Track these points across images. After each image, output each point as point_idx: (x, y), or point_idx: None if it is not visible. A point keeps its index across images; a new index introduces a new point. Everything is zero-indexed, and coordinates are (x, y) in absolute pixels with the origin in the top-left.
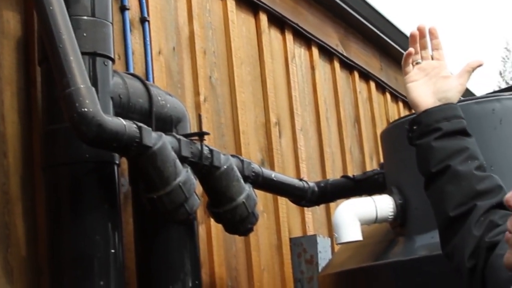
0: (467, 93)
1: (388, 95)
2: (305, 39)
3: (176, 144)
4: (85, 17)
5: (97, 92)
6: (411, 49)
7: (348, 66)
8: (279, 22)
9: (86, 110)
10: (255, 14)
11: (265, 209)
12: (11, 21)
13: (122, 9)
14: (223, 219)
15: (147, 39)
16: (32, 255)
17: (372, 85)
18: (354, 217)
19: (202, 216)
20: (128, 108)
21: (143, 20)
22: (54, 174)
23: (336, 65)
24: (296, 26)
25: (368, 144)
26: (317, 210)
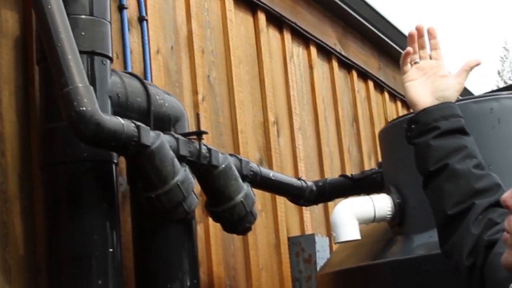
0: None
1: (387, 95)
2: (303, 38)
3: (174, 143)
4: (83, 16)
5: (95, 91)
6: (409, 49)
7: (346, 66)
8: (278, 21)
9: (84, 109)
10: (253, 13)
11: (263, 208)
12: (10, 20)
13: (120, 8)
14: (221, 218)
15: (145, 38)
16: (30, 254)
17: (371, 85)
18: (352, 216)
19: (200, 215)
20: (126, 107)
21: (141, 19)
22: (52, 173)
23: (334, 64)
24: (294, 25)
25: (366, 144)
26: (315, 210)
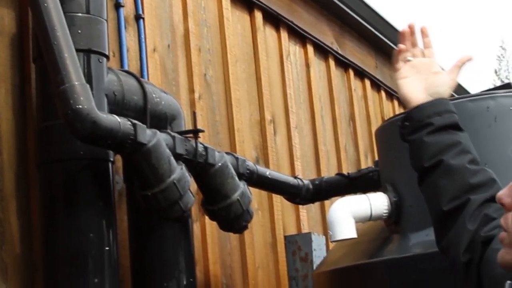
0: (462, 91)
1: (383, 93)
2: (300, 37)
3: (171, 141)
4: (80, 14)
5: (92, 89)
6: (402, 46)
7: (343, 64)
8: (274, 20)
9: (81, 107)
10: (250, 12)
11: (260, 207)
12: (6, 18)
13: (117, 6)
14: (218, 217)
15: (142, 37)
16: (27, 252)
17: (367, 83)
18: (349, 215)
19: (197, 214)
20: (123, 105)
21: (138, 18)
22: (49, 171)
23: (331, 63)
24: (291, 24)
25: (363, 142)
26: (312, 208)
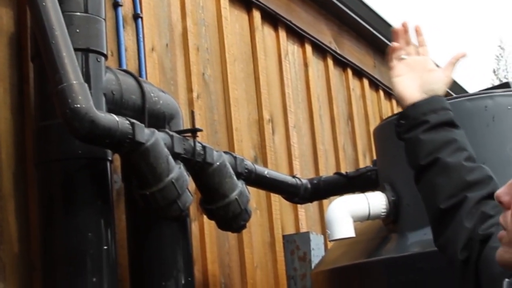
0: (460, 90)
1: (382, 93)
2: (299, 36)
3: (169, 141)
4: (78, 13)
5: (90, 88)
6: (395, 44)
7: (342, 64)
8: (273, 19)
9: (79, 106)
10: (249, 11)
11: (258, 206)
12: (4, 17)
13: (115, 6)
14: (216, 216)
15: (140, 36)
16: (25, 252)
17: (366, 83)
18: (347, 214)
19: (195, 213)
20: (121, 105)
21: (136, 17)
22: (47, 170)
23: (330, 62)
24: (290, 23)
25: (361, 142)
26: (310, 208)
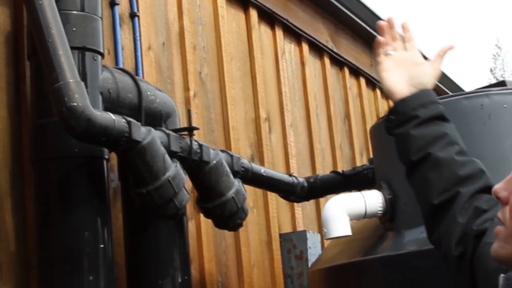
0: (457, 89)
1: (378, 91)
2: (295, 35)
3: (166, 139)
4: (75, 12)
5: (86, 87)
6: (381, 39)
7: (338, 62)
8: (269, 18)
9: (75, 105)
10: (245, 10)
11: (255, 205)
12: (0, 16)
13: (112, 4)
14: (213, 214)
15: (137, 34)
16: (21, 250)
17: (362, 81)
18: (343, 212)
19: (192, 212)
20: (118, 103)
21: (133, 15)
22: (43, 169)
23: (326, 61)
24: (286, 22)
25: (358, 140)
26: (307, 206)
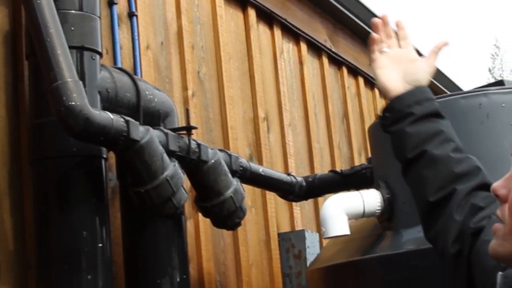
0: (455, 88)
1: (377, 91)
2: (294, 35)
3: (164, 138)
4: (73, 11)
5: (85, 86)
6: (375, 35)
7: (337, 62)
8: (268, 18)
9: (74, 104)
10: (244, 9)
11: (254, 204)
12: None
13: (110, 4)
14: (211, 213)
15: (135, 34)
16: (20, 250)
17: (361, 81)
18: (342, 212)
19: (190, 211)
20: (116, 102)
21: (131, 15)
22: (42, 168)
23: (325, 61)
24: (285, 22)
25: (357, 140)
26: (306, 206)
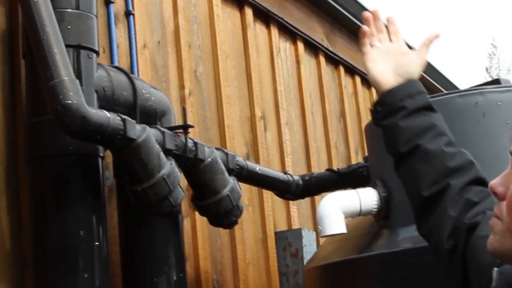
0: (451, 87)
1: (374, 90)
2: (291, 34)
3: (161, 137)
4: (70, 10)
5: (81, 85)
6: (366, 28)
7: (334, 61)
8: (265, 17)
9: (70, 102)
10: (241, 8)
11: (250, 203)
12: None
13: (107, 2)
14: (208, 212)
15: (132, 33)
16: (16, 248)
17: (358, 80)
18: (338, 210)
19: (187, 210)
20: (113, 101)
21: (128, 14)
22: (38, 167)
23: (322, 60)
24: (282, 21)
25: (354, 139)
26: (302, 204)
